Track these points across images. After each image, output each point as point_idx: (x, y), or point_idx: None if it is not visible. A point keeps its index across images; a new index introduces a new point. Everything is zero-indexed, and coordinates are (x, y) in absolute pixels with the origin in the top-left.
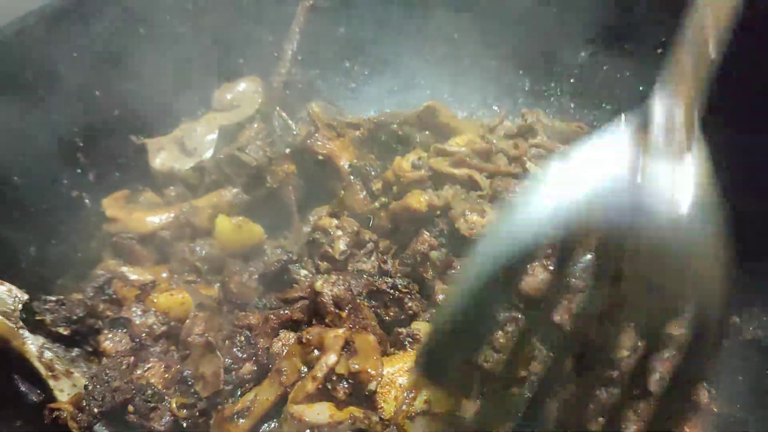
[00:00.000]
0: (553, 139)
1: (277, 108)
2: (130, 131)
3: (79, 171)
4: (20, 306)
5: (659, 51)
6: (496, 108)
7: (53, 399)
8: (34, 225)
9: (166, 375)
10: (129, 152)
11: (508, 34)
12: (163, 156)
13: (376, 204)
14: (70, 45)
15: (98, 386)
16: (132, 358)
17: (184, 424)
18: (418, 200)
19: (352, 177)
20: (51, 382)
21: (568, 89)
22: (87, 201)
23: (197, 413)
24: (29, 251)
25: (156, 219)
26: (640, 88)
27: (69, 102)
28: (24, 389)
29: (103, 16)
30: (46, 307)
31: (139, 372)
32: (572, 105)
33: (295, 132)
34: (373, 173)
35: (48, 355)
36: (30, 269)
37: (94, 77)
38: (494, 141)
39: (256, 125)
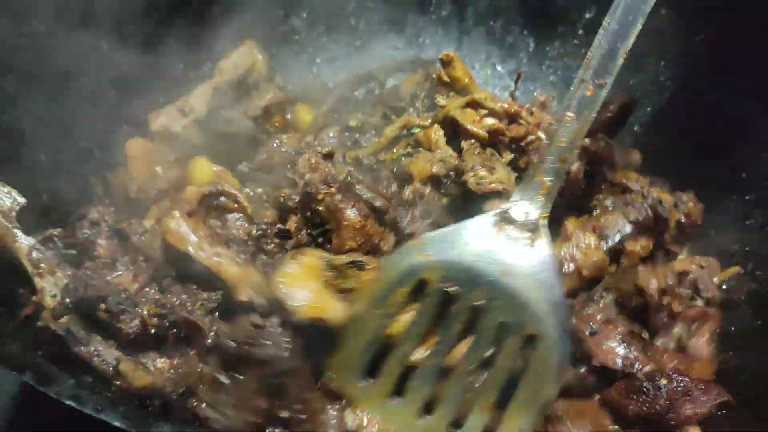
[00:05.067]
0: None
1: None
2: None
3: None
4: (18, 207)
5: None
6: (499, 68)
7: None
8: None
9: (135, 285)
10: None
11: None
12: (161, 119)
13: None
14: None
15: (76, 282)
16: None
17: (152, 331)
18: (420, 168)
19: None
20: (36, 280)
21: (571, 50)
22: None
23: (167, 324)
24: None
25: None
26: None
27: None
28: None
29: None
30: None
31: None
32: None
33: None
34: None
35: (36, 254)
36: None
37: None
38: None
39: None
